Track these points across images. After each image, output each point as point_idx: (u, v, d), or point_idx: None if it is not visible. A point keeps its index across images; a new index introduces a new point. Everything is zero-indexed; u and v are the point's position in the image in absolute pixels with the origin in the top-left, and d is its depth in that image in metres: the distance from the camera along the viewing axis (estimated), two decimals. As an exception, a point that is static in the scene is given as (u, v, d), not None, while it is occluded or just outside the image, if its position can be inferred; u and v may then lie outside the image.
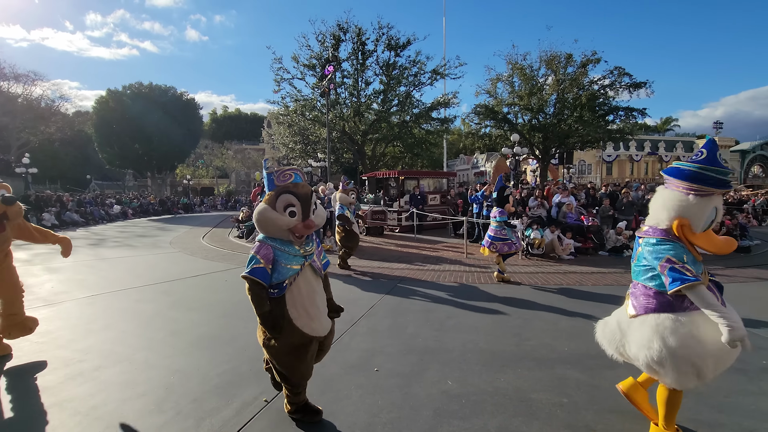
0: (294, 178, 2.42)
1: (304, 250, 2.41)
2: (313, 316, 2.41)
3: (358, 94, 23.34)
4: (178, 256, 9.96)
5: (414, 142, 24.79)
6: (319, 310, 2.46)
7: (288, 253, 2.36)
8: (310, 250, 2.45)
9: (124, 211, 24.60)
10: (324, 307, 2.53)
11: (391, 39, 22.38)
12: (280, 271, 2.35)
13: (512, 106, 24.10)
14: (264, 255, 2.33)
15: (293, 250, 2.37)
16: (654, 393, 2.44)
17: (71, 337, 4.22)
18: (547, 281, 6.73)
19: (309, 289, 2.42)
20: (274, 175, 2.42)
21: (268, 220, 2.33)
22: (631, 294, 2.37)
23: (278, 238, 2.37)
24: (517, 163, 19.32)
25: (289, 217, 2.31)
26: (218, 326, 4.56)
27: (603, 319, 2.61)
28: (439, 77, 23.24)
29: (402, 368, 3.42)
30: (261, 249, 2.35)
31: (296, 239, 2.37)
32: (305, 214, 2.34)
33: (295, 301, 2.37)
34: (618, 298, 5.67)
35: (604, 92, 22.90)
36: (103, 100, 38.40)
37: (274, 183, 2.41)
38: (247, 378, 3.24)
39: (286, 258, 2.35)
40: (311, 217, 2.36)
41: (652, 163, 45.86)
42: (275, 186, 2.39)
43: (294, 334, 2.37)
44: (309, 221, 2.33)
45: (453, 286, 6.44)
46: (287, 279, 2.35)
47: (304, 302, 2.38)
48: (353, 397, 2.94)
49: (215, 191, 51.35)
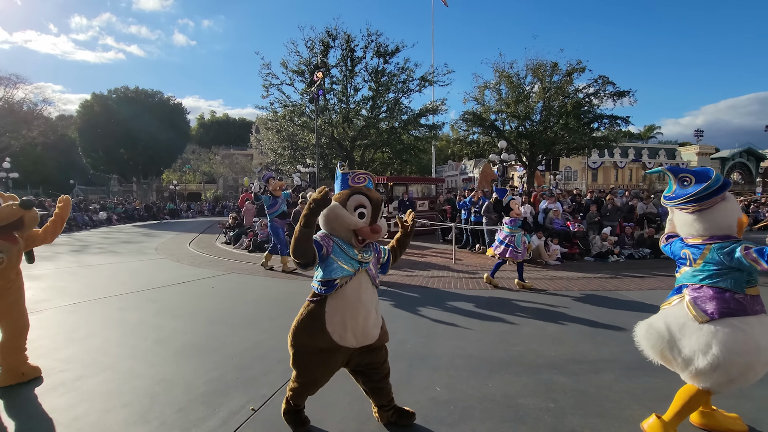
0: (367, 183, 2.41)
1: (362, 256, 2.34)
2: (348, 327, 2.31)
3: (347, 100, 23.40)
4: (164, 262, 9.82)
5: (403, 149, 24.91)
6: (358, 322, 2.33)
7: (346, 254, 2.30)
8: (368, 258, 2.38)
9: (109, 217, 24.18)
10: (368, 321, 2.38)
11: (379, 46, 22.52)
12: (333, 268, 2.30)
13: (499, 113, 24.41)
14: (323, 238, 2.28)
15: (352, 253, 2.31)
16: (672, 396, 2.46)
17: (52, 346, 4.13)
18: (534, 286, 6.79)
19: (355, 298, 2.33)
20: (348, 175, 2.41)
21: (337, 216, 2.28)
22: (696, 299, 2.34)
23: (341, 237, 2.33)
24: (504, 169, 19.54)
25: (358, 218, 2.29)
26: (204, 334, 4.50)
27: (646, 320, 2.59)
28: (427, 84, 23.43)
29: (391, 375, 3.41)
30: (324, 237, 2.30)
31: (357, 243, 2.33)
32: (374, 218, 2.33)
33: (338, 306, 2.31)
34: (604, 302, 5.77)
35: (588, 100, 23.36)
36: (88, 104, 37.86)
37: (347, 183, 2.39)
38: (234, 386, 3.20)
39: (343, 258, 2.30)
40: (379, 222, 2.35)
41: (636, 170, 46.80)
42: (348, 186, 2.37)
43: (323, 337, 2.31)
44: (376, 226, 2.32)
45: (441, 292, 6.46)
46: (338, 278, 2.29)
47: (345, 310, 2.31)
48: (341, 405, 2.92)
49: (202, 197, 50.80)
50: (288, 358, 3.71)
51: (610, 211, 11.02)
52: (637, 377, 3.32)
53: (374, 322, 2.43)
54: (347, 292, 2.31)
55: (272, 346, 4.06)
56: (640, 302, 5.81)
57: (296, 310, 2.50)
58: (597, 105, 23.51)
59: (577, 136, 22.32)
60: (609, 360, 3.70)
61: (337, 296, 2.31)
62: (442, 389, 3.15)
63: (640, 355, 3.79)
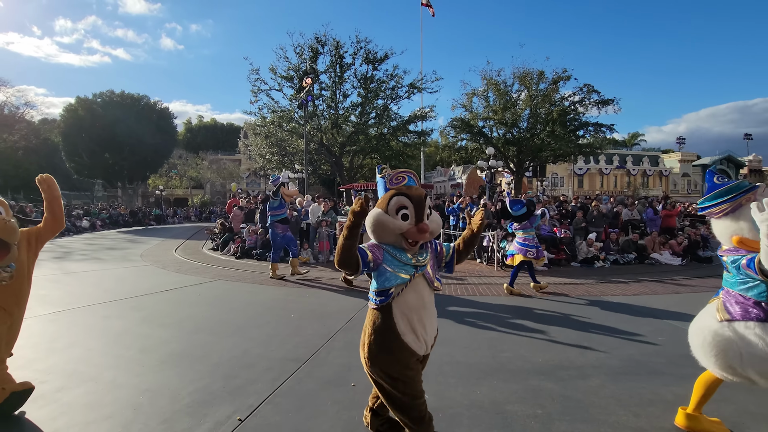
0: (407, 181, 2.28)
1: (417, 259, 2.23)
2: (419, 334, 2.22)
3: (336, 106, 23.46)
4: (149, 269, 9.66)
5: (391, 155, 25.04)
6: (425, 328, 2.26)
7: (399, 260, 2.20)
8: (423, 261, 2.25)
9: (93, 223, 23.73)
10: (431, 325, 2.31)
11: (368, 53, 22.69)
12: (388, 276, 2.19)
13: (487, 120, 24.71)
14: (373, 251, 2.18)
15: (405, 258, 2.20)
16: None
17: (32, 356, 4.02)
18: (521, 292, 6.84)
19: (418, 303, 2.23)
20: (386, 178, 2.30)
21: (381, 223, 2.18)
22: (725, 300, 2.49)
23: (391, 244, 2.22)
24: (492, 175, 19.73)
25: (401, 221, 2.16)
26: (190, 342, 4.43)
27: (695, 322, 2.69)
28: (416, 91, 23.64)
29: (379, 383, 3.40)
30: (373, 246, 2.21)
31: (409, 246, 2.20)
32: (419, 217, 2.17)
33: (403, 314, 2.20)
34: (590, 307, 5.84)
35: (574, 108, 23.80)
36: (72, 107, 37.26)
37: (386, 186, 2.29)
38: (220, 396, 3.15)
39: (395, 264, 2.19)
40: (425, 221, 2.19)
41: (621, 176, 47.66)
42: (387, 189, 2.27)
43: (403, 351, 2.19)
44: (423, 225, 2.15)
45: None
46: (393, 287, 2.19)
47: (411, 317, 2.21)
48: (329, 413, 2.90)
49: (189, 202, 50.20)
50: (276, 367, 3.70)
51: (595, 217, 11.20)
52: (623, 383, 3.37)
53: (435, 324, 2.37)
54: (409, 299, 2.21)
55: (259, 355, 4.01)
56: (625, 307, 5.90)
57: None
58: (582, 113, 23.97)
59: (563, 143, 22.71)
60: (596, 366, 3.74)
61: (400, 305, 2.20)
62: (430, 396, 3.13)
63: (627, 361, 3.85)
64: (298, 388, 3.29)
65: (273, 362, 3.83)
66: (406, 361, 2.20)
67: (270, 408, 2.97)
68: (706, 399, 2.65)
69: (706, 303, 2.73)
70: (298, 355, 3.97)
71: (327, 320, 5.28)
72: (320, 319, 5.33)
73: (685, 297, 6.55)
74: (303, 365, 3.74)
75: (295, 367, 3.68)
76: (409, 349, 2.19)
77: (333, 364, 3.81)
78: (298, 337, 4.61)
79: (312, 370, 3.64)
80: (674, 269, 9.32)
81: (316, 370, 3.62)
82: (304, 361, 3.84)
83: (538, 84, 23.83)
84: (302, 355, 3.97)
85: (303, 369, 3.67)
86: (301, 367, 3.69)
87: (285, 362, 3.81)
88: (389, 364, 2.20)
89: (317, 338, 4.50)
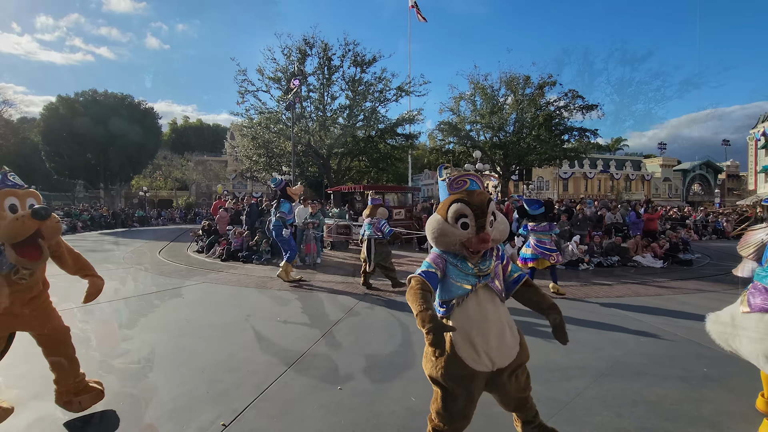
0: (469, 185, 2.13)
1: (479, 269, 2.09)
2: (479, 348, 2.04)
3: (324, 109, 23.38)
4: (132, 272, 9.47)
5: (379, 157, 25.05)
6: (489, 342, 2.06)
7: (460, 270, 2.09)
8: (486, 269, 2.10)
9: (73, 225, 23.19)
10: (500, 338, 2.10)
11: (357, 55, 22.68)
12: (449, 288, 2.10)
13: (474, 123, 24.93)
14: (437, 263, 2.10)
15: (466, 268, 2.08)
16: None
17: (7, 362, 3.86)
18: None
19: (480, 316, 2.08)
20: (446, 182, 2.17)
21: (441, 232, 2.08)
22: (750, 293, 2.56)
23: (451, 252, 2.11)
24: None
25: (461, 230, 2.04)
26: (174, 346, 4.35)
27: (714, 312, 2.79)
28: (404, 94, 23.70)
29: (366, 386, 3.39)
30: (435, 257, 2.13)
31: (471, 255, 2.07)
32: (480, 226, 2.03)
33: (461, 326, 2.05)
34: (574, 309, 5.92)
35: (559, 113, 24.18)
36: (53, 106, 36.42)
37: (446, 191, 2.17)
38: (204, 401, 3.10)
39: (456, 274, 2.09)
40: (487, 229, 2.04)
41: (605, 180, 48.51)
42: (448, 194, 2.15)
43: (454, 364, 2.05)
44: (484, 234, 2.01)
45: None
46: (455, 298, 2.08)
47: (470, 329, 2.05)
48: (315, 418, 2.88)
49: (174, 204, 49.45)
50: (261, 370, 3.65)
51: (580, 220, 11.36)
52: (608, 384, 3.41)
53: (511, 340, 2.15)
54: (469, 310, 2.08)
55: (245, 358, 3.96)
56: (609, 309, 5.99)
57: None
58: (567, 117, 24.37)
59: (548, 147, 23.05)
60: (580, 367, 3.79)
61: (459, 316, 2.08)
62: (418, 399, 3.14)
63: (610, 362, 3.90)
64: (283, 392, 3.26)
65: (258, 366, 3.79)
66: (456, 375, 2.06)
67: (255, 412, 2.93)
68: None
69: (684, 303, 2.82)
70: (284, 359, 3.93)
71: (314, 323, 5.25)
72: (307, 322, 5.30)
73: (667, 299, 6.68)
74: (289, 368, 3.70)
75: (280, 371, 3.64)
76: (461, 363, 2.04)
77: (319, 367, 3.78)
78: (285, 340, 4.56)
79: (298, 374, 3.61)
80: (656, 271, 9.50)
81: (303, 374, 3.59)
82: (290, 364, 3.80)
83: (524, 89, 24.16)
84: (288, 359, 3.93)
85: (289, 372, 3.63)
86: (287, 371, 3.65)
87: (271, 366, 3.77)
88: (437, 371, 2.11)
89: (304, 341, 4.46)
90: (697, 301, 6.43)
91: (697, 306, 6.05)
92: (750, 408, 2.95)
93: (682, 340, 4.57)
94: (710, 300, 6.48)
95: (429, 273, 2.06)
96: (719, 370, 3.64)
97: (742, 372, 3.47)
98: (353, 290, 7.21)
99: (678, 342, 4.50)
